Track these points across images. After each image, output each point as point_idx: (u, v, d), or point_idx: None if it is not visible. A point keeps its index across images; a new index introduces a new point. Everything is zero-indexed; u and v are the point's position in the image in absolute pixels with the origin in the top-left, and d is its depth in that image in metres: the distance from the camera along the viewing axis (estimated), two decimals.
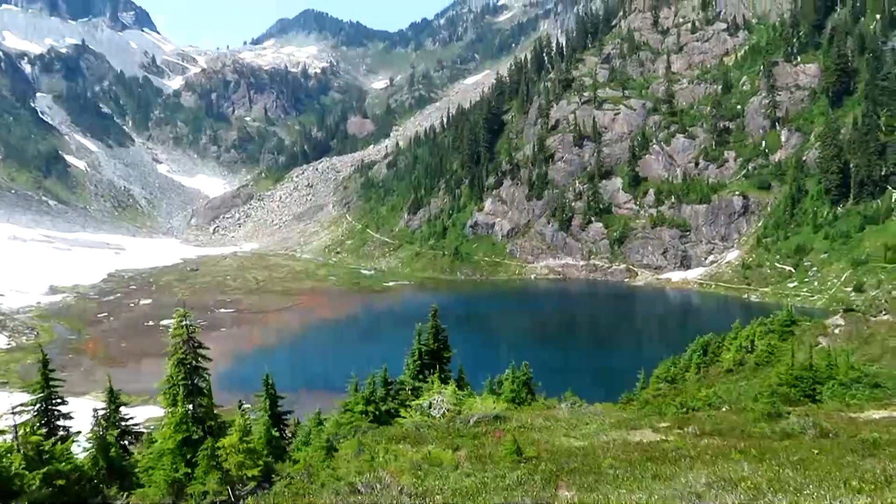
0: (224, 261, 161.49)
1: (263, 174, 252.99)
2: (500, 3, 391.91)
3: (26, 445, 12.13)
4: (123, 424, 19.38)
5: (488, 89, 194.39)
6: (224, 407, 24.02)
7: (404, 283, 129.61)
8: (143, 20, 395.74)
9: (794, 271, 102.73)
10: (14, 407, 13.89)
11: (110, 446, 14.55)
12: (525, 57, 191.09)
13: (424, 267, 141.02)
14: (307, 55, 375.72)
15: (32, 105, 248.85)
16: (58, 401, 18.15)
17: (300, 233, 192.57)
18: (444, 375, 27.24)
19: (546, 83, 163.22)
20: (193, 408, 14.58)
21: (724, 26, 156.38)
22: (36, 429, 13.99)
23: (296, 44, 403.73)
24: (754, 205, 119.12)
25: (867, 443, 13.58)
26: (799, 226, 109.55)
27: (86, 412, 22.34)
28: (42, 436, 13.02)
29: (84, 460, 14.12)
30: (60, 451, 12.70)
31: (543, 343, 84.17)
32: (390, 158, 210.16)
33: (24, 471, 11.24)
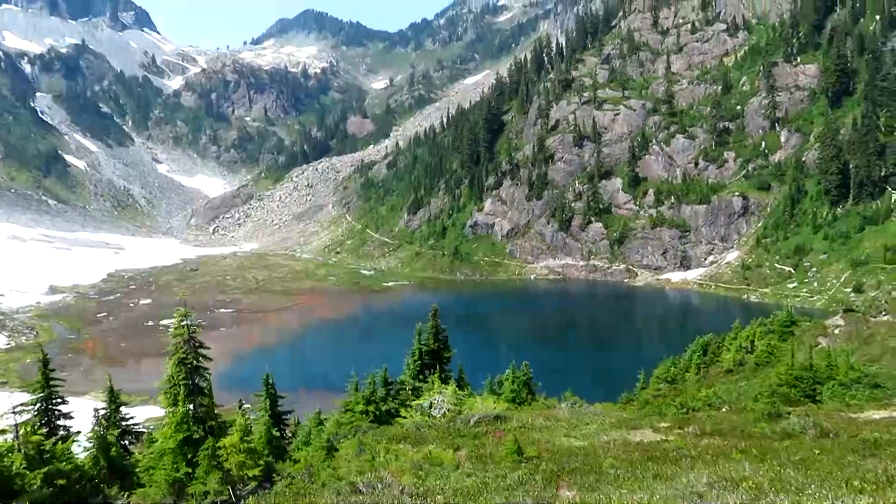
0: (224, 261, 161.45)
1: (263, 174, 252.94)
2: (500, 4, 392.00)
3: (27, 445, 12.12)
4: (124, 424, 19.38)
5: (488, 89, 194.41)
6: (224, 406, 23.99)
7: (404, 283, 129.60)
8: (143, 20, 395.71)
9: (794, 272, 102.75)
10: (15, 406, 13.89)
11: (111, 446, 14.54)
12: (525, 57, 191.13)
13: (424, 267, 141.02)
14: (307, 55, 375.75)
15: (32, 105, 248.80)
16: (58, 400, 18.14)
17: (300, 233, 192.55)
18: (445, 375, 27.23)
19: (546, 83, 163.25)
20: (194, 407, 14.58)
21: (724, 27, 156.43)
22: (36, 428, 13.99)
23: (296, 44, 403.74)
24: (754, 205, 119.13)
25: (868, 443, 13.58)
26: (798, 226, 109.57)
27: (85, 412, 22.32)
28: (43, 435, 13.01)
29: (85, 460, 14.11)
30: (61, 451, 12.70)
31: (543, 343, 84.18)
32: (390, 158, 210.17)
33: (25, 470, 11.24)
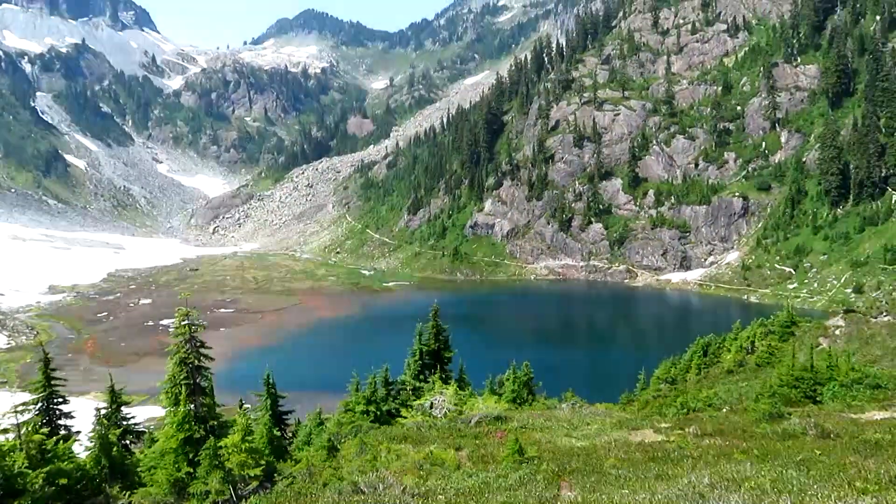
0: (224, 261, 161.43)
1: (263, 174, 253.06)
2: (500, 4, 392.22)
3: (29, 444, 12.13)
4: (125, 424, 19.39)
5: (488, 90, 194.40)
6: (224, 406, 24.00)
7: (404, 284, 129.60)
8: (144, 20, 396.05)
9: (794, 272, 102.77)
10: (16, 406, 13.89)
11: (112, 445, 14.55)
12: (525, 57, 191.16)
13: (424, 267, 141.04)
14: (307, 55, 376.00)
15: (32, 104, 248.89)
16: (59, 400, 18.15)
17: (300, 233, 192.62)
18: (445, 375, 27.22)
19: (546, 84, 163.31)
20: (196, 407, 14.58)
21: (724, 27, 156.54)
22: (38, 428, 14.00)
23: (296, 44, 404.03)
24: (754, 206, 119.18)
25: (870, 444, 13.57)
26: (798, 227, 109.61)
27: (85, 412, 22.31)
28: (44, 435, 13.02)
29: (86, 459, 14.12)
30: (63, 451, 12.71)
31: (543, 343, 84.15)
32: (390, 159, 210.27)
33: (28, 470, 11.25)
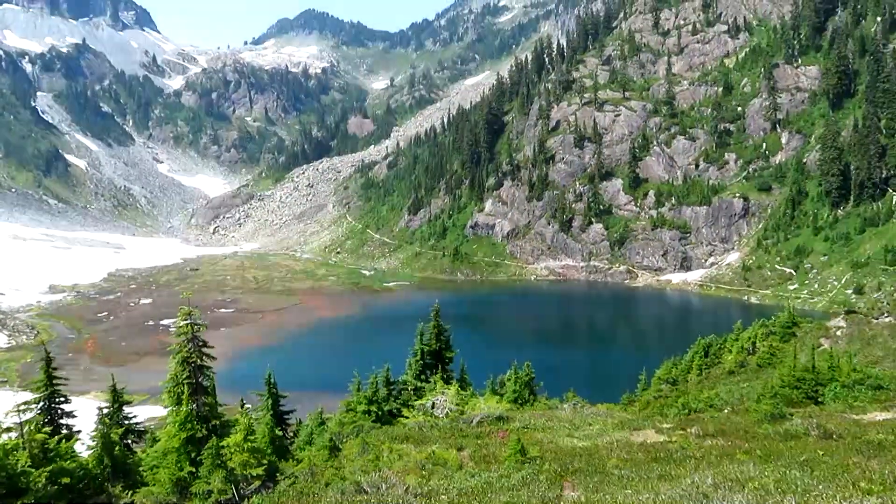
0: (224, 260, 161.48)
1: (264, 174, 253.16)
2: (501, 4, 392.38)
3: (32, 443, 12.13)
4: (127, 423, 19.40)
5: (489, 90, 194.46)
6: (225, 406, 23.99)
7: (404, 284, 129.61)
8: (144, 19, 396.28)
9: (795, 273, 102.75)
10: (18, 405, 13.89)
11: (114, 445, 14.55)
12: (525, 58, 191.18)
13: (424, 267, 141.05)
14: (307, 55, 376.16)
15: (33, 104, 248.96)
16: (61, 399, 18.16)
17: (300, 233, 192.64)
18: (447, 375, 27.21)
19: (546, 84, 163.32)
20: (198, 406, 14.57)
21: (725, 28, 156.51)
22: (40, 427, 13.99)
23: (296, 44, 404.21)
24: (755, 207, 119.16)
25: (873, 444, 13.56)
26: (799, 228, 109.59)
27: (86, 411, 22.31)
28: (47, 434, 13.02)
29: (89, 459, 14.12)
30: (65, 450, 12.70)
31: (544, 344, 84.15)
32: (390, 159, 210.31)
33: (31, 469, 11.25)
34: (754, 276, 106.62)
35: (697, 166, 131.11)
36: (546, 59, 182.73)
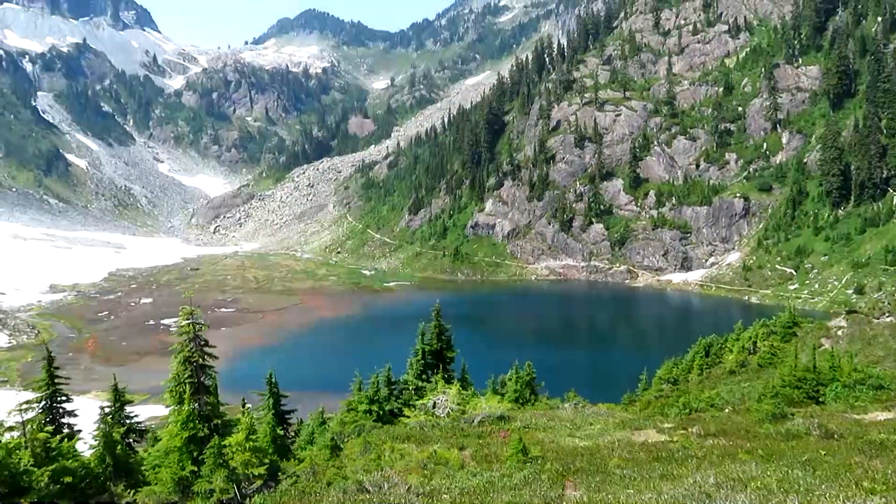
0: (224, 260, 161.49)
1: (264, 174, 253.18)
2: (502, 4, 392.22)
3: (34, 442, 12.13)
4: (129, 422, 19.40)
5: (489, 90, 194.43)
6: (226, 405, 24.01)
7: (404, 284, 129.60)
8: (145, 19, 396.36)
9: (795, 273, 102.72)
10: (20, 404, 13.91)
11: (116, 444, 14.55)
12: (526, 57, 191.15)
13: (425, 267, 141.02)
14: (308, 55, 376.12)
15: (33, 104, 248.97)
16: (63, 398, 18.16)
17: (301, 233, 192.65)
18: (448, 375, 27.22)
19: (547, 84, 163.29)
20: (200, 406, 14.58)
21: (726, 28, 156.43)
22: (42, 426, 14.01)
23: (297, 43, 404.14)
24: (755, 207, 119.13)
25: (874, 444, 13.56)
26: (800, 228, 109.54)
27: (87, 411, 22.33)
28: (49, 433, 13.03)
29: (91, 458, 14.13)
30: (67, 449, 12.71)
31: (544, 344, 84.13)
32: (391, 159, 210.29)
33: (33, 468, 11.25)
34: (755, 276, 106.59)
35: (698, 166, 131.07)
36: (546, 59, 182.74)
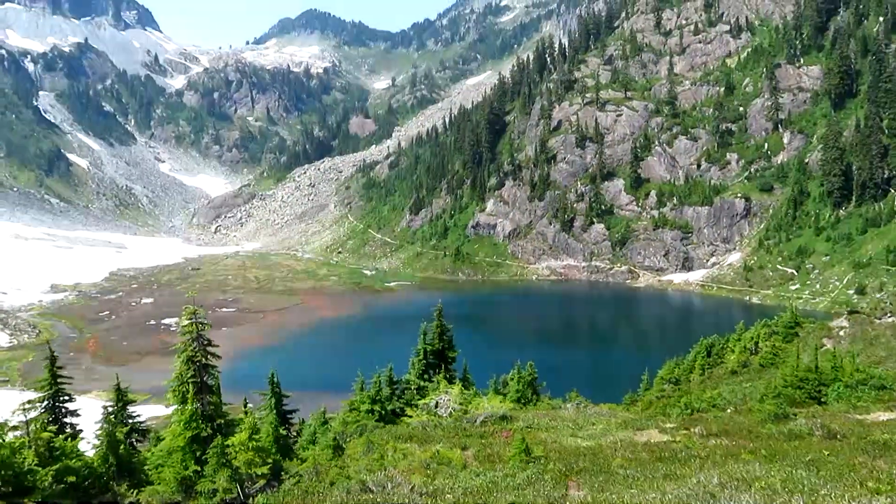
0: (225, 260, 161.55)
1: (265, 174, 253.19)
2: (503, 4, 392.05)
3: (38, 442, 12.14)
4: (131, 422, 19.41)
5: (490, 90, 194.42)
6: (228, 405, 24.01)
7: (405, 284, 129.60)
8: (146, 19, 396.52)
9: (796, 273, 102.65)
10: (23, 403, 13.92)
11: (119, 444, 14.56)
12: (527, 57, 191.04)
13: (426, 267, 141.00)
14: (309, 55, 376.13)
15: (35, 103, 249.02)
16: (65, 398, 18.17)
17: (302, 233, 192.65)
18: (450, 375, 27.22)
19: (548, 84, 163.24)
20: (203, 405, 14.58)
21: (727, 28, 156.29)
22: (46, 426, 14.01)
23: (298, 43, 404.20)
24: (756, 207, 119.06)
25: (878, 444, 13.55)
26: (801, 228, 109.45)
27: (88, 410, 22.34)
28: (53, 432, 13.03)
29: (94, 457, 14.14)
30: (71, 448, 12.71)
31: (545, 344, 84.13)
32: (392, 158, 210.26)
33: (37, 467, 11.25)
34: (756, 277, 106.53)
35: (699, 166, 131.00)
36: (548, 59, 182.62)
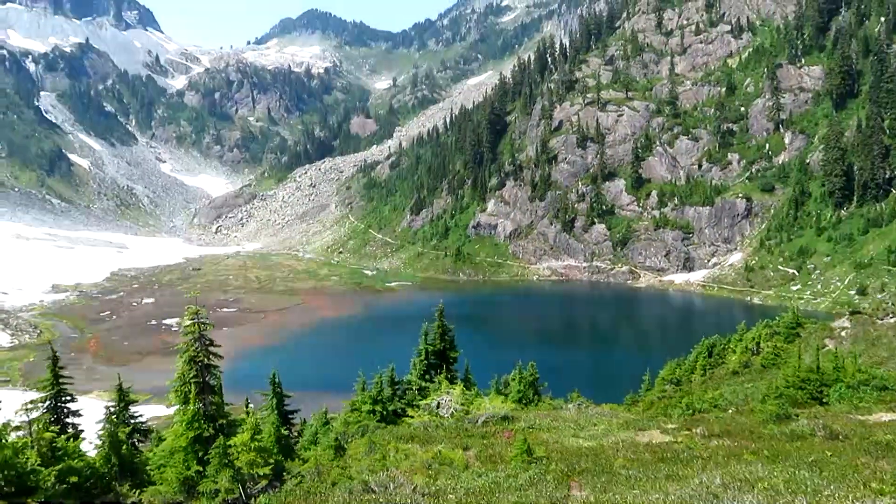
0: (226, 260, 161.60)
1: (266, 174, 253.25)
2: (504, 4, 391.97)
3: (40, 442, 12.14)
4: (133, 422, 19.42)
5: (491, 90, 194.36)
6: (229, 405, 24.01)
7: (406, 284, 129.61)
8: (147, 19, 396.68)
9: (797, 274, 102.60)
10: (26, 403, 13.92)
11: (122, 444, 14.56)
12: (528, 58, 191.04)
13: (426, 267, 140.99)
14: (310, 55, 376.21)
15: (36, 103, 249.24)
16: (68, 398, 18.18)
17: (302, 233, 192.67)
18: (451, 375, 27.20)
19: (549, 84, 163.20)
20: (205, 405, 14.58)
21: (728, 28, 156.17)
22: (48, 426, 14.02)
23: (299, 43, 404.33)
24: (757, 207, 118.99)
25: (880, 445, 13.54)
26: (802, 228, 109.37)
27: (89, 410, 22.33)
28: (55, 432, 13.04)
29: (96, 458, 14.14)
30: (73, 448, 12.72)
31: (546, 344, 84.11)
32: (393, 159, 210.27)
33: (40, 467, 11.26)
34: (757, 277, 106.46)
35: (700, 166, 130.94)
36: (549, 59, 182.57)
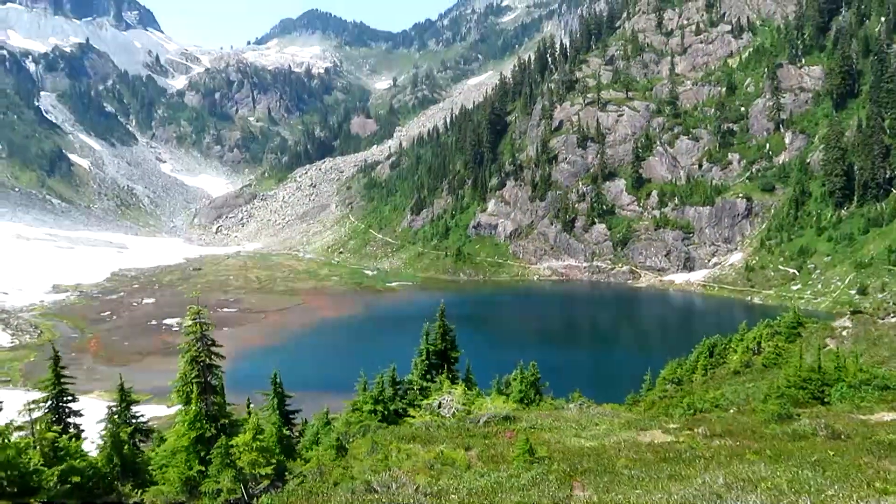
0: (227, 260, 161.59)
1: (266, 174, 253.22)
2: (504, 4, 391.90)
3: (43, 442, 12.14)
4: (135, 422, 19.41)
5: (492, 90, 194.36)
6: (230, 405, 24.00)
7: (407, 284, 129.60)
8: (147, 19, 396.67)
9: (798, 274, 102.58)
10: (28, 403, 13.91)
11: (124, 444, 14.55)
12: (529, 58, 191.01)
13: (427, 267, 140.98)
14: (310, 55, 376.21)
15: (36, 104, 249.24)
16: (69, 398, 18.17)
17: (303, 233, 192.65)
18: (452, 375, 27.20)
19: (549, 84, 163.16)
20: (207, 405, 14.57)
21: (729, 28, 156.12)
22: (50, 426, 14.01)
23: (299, 44, 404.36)
24: (758, 207, 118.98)
25: (883, 445, 13.52)
26: (802, 228, 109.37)
27: (90, 411, 22.32)
28: (57, 433, 13.03)
29: (98, 458, 14.13)
30: (75, 449, 12.71)
31: (547, 344, 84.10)
32: (393, 159, 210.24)
33: (42, 467, 11.25)
34: (757, 277, 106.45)
35: (700, 166, 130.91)
36: (549, 59, 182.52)
